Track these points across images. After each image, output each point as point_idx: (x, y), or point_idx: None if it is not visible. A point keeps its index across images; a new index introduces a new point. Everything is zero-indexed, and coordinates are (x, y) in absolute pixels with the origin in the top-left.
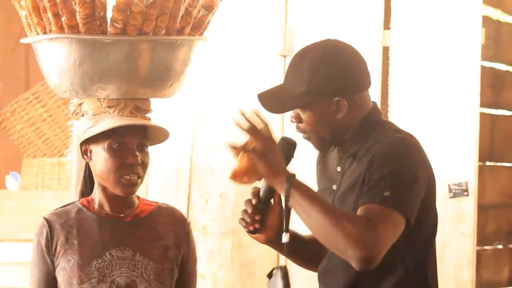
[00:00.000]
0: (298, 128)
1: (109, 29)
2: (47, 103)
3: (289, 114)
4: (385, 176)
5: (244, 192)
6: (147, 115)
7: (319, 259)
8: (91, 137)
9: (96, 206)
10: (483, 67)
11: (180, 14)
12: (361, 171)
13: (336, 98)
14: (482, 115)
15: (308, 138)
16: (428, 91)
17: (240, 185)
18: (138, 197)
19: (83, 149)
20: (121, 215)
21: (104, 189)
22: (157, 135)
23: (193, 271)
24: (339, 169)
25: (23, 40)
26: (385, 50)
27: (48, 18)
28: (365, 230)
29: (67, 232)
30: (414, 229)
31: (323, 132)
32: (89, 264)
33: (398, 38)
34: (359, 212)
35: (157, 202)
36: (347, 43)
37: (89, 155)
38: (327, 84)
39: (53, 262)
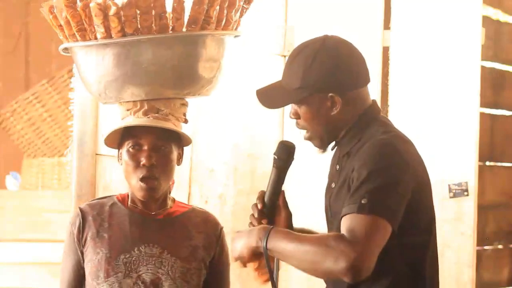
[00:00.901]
0: (297, 124)
1: (98, 34)
2: (47, 103)
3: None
4: (363, 181)
5: (244, 193)
6: (184, 116)
7: None
8: (121, 141)
9: (129, 203)
10: (483, 67)
11: (167, 11)
12: (348, 171)
13: (330, 94)
14: (482, 115)
15: (309, 138)
16: (428, 91)
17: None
18: (174, 200)
19: (118, 154)
20: (153, 213)
21: None
22: (183, 136)
23: (223, 275)
24: (337, 167)
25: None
26: (385, 50)
27: (57, 30)
28: (347, 243)
29: (99, 224)
30: (403, 233)
31: (319, 128)
32: (116, 258)
33: (398, 38)
34: (342, 223)
35: (192, 206)
36: (346, 39)
37: (121, 158)
38: (321, 79)
39: (82, 252)
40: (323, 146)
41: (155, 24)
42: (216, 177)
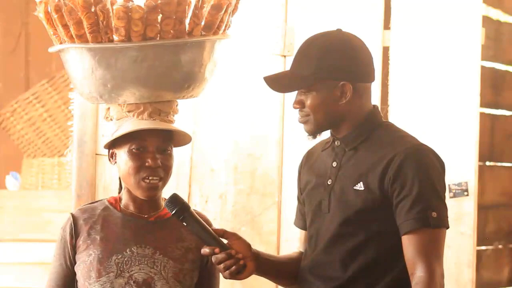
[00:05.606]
0: (301, 112)
1: (114, 36)
2: (47, 103)
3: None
4: (422, 193)
5: (244, 192)
6: (174, 116)
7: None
8: (116, 141)
9: (122, 206)
10: (483, 67)
11: (188, 17)
12: (369, 167)
13: (342, 82)
14: (482, 115)
15: (305, 122)
16: (428, 91)
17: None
18: (165, 200)
19: (109, 153)
20: (145, 216)
21: (129, 191)
22: (180, 137)
23: (214, 276)
24: (334, 164)
25: (51, 49)
26: (385, 50)
27: (60, 29)
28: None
29: (90, 227)
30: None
31: (323, 116)
32: (108, 258)
33: (398, 38)
34: (412, 238)
35: None
36: (357, 36)
37: (114, 158)
38: (336, 67)
39: (73, 258)
40: (315, 133)
41: (174, 28)
42: (217, 176)
